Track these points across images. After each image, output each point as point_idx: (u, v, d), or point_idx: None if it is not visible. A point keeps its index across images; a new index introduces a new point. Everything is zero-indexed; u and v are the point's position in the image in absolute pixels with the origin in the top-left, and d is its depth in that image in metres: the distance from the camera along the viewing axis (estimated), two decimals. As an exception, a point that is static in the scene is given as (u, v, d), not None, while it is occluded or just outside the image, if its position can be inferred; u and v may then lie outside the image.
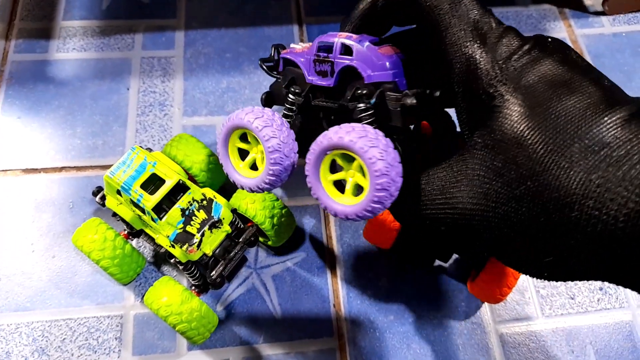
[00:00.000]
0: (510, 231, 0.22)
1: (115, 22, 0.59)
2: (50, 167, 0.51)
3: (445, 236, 0.43)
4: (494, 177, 0.22)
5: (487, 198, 0.23)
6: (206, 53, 0.58)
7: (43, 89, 0.54)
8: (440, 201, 0.25)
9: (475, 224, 0.23)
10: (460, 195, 0.24)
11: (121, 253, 0.43)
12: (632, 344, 0.47)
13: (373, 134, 0.25)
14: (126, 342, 0.44)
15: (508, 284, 0.42)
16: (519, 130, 0.21)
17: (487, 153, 0.23)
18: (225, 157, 0.30)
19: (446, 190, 0.25)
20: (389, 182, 0.24)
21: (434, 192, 0.25)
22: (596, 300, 0.49)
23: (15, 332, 0.44)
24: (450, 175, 0.25)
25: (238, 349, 0.44)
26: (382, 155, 0.24)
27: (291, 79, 0.30)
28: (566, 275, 0.23)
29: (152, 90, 0.55)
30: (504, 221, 0.22)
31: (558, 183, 0.20)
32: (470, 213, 0.23)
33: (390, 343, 0.46)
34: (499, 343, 0.46)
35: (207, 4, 0.61)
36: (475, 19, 0.24)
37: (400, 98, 0.27)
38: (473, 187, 0.23)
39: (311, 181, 0.27)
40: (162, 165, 0.40)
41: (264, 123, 0.27)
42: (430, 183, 0.26)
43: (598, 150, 0.20)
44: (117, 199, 0.41)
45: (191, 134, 0.50)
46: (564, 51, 0.23)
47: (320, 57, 0.29)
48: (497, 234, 0.23)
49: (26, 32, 0.57)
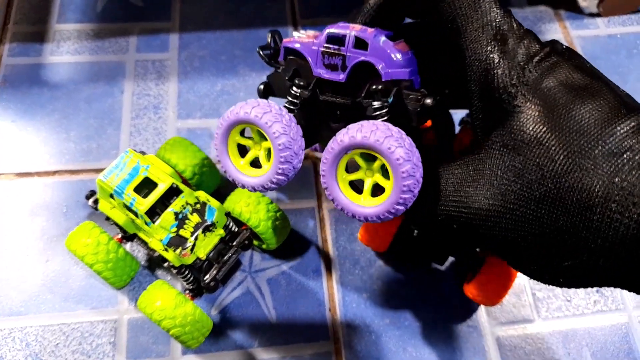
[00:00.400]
0: (527, 234, 0.22)
1: (110, 25, 0.59)
2: (44, 171, 0.50)
3: (451, 236, 0.43)
4: (513, 178, 0.22)
5: (504, 199, 0.22)
6: (201, 56, 0.58)
7: (37, 93, 0.54)
8: (454, 199, 0.24)
9: (490, 224, 0.23)
10: (476, 195, 0.23)
11: (115, 257, 0.42)
12: (628, 346, 0.47)
13: (397, 133, 0.24)
14: (120, 347, 0.44)
15: (504, 286, 0.42)
16: (541, 131, 0.21)
17: (506, 153, 0.23)
18: (225, 154, 0.28)
19: (461, 189, 0.24)
20: (415, 183, 0.23)
21: (448, 190, 0.25)
22: (592, 302, 0.48)
23: (8, 337, 0.44)
24: (465, 174, 0.24)
25: (233, 353, 0.44)
26: (409, 155, 0.23)
27: (295, 70, 0.28)
28: (583, 281, 0.22)
29: (147, 93, 0.55)
30: (522, 223, 0.22)
31: (580, 185, 0.20)
32: (485, 213, 0.23)
33: (386, 346, 0.45)
34: (496, 346, 0.46)
35: (201, 6, 0.61)
36: (497, 19, 0.24)
37: (420, 98, 0.26)
38: (490, 187, 0.23)
39: (327, 182, 0.26)
40: (155, 168, 0.40)
41: (274, 118, 0.25)
42: (445, 181, 0.25)
43: (620, 154, 0.20)
44: (110, 202, 0.41)
45: (185, 136, 0.50)
46: (579, 58, 0.24)
47: (331, 50, 0.27)
48: (512, 236, 0.22)
49: (20, 35, 0.57)
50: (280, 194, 0.51)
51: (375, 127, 0.24)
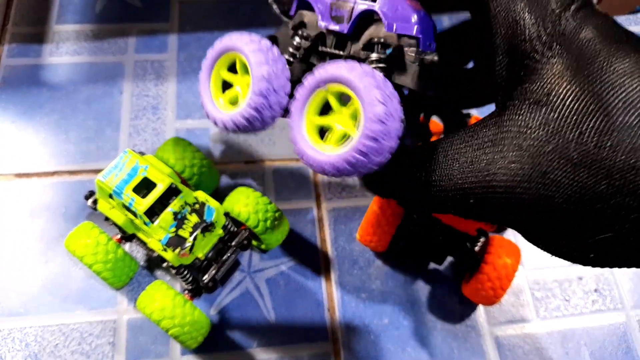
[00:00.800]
0: (561, 202, 0.19)
1: (108, 26, 0.59)
2: (43, 172, 0.50)
3: (465, 214, 0.40)
4: (545, 138, 0.20)
5: (535, 161, 0.20)
6: (200, 56, 0.58)
7: (36, 94, 0.54)
8: (470, 169, 0.22)
9: (518, 192, 0.20)
10: (500, 159, 0.21)
11: (114, 257, 0.42)
12: (627, 345, 0.47)
13: (380, 77, 0.22)
14: (119, 347, 0.44)
15: (502, 286, 0.42)
16: (579, 85, 0.19)
17: (536, 110, 0.20)
18: (206, 85, 0.26)
19: (480, 156, 0.21)
20: (384, 133, 0.21)
21: (462, 160, 0.22)
22: (591, 302, 0.49)
23: (8, 337, 0.44)
24: (484, 138, 0.22)
25: (232, 354, 0.44)
26: (384, 100, 0.21)
27: (301, 22, 0.27)
28: (619, 258, 0.20)
29: (146, 94, 0.55)
30: (555, 189, 0.19)
31: (626, 145, 0.18)
32: (512, 180, 0.20)
33: (385, 347, 0.45)
34: (494, 345, 0.46)
35: (200, 7, 0.61)
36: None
37: (420, 52, 0.24)
38: (517, 149, 0.20)
39: (294, 120, 0.24)
40: (154, 169, 0.40)
41: (257, 47, 0.24)
42: (456, 151, 0.22)
43: None
44: (109, 203, 0.41)
45: (184, 137, 0.50)
46: (607, 15, 0.22)
47: (340, 0, 0.25)
48: (541, 205, 0.20)
49: (19, 36, 0.57)
50: (278, 195, 0.51)
51: (357, 65, 0.22)
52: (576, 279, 0.49)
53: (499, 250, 0.42)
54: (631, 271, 0.50)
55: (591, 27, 0.20)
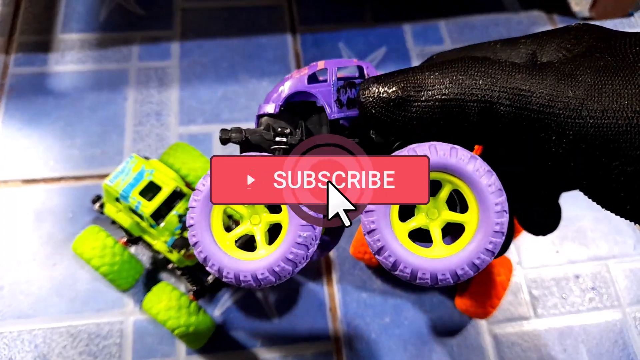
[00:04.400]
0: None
1: (112, 34, 0.60)
2: (50, 177, 0.52)
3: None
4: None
5: (632, 103, 0.17)
6: (202, 63, 0.59)
7: (42, 101, 0.55)
8: (581, 107, 0.17)
9: (621, 144, 0.17)
10: (613, 94, 0.17)
11: (120, 259, 0.44)
12: (623, 342, 0.48)
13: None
14: (126, 348, 0.45)
15: (492, 304, 0.43)
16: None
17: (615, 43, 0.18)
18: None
19: (591, 95, 0.17)
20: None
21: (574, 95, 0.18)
22: (587, 299, 0.49)
23: (17, 338, 0.45)
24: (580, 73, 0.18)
25: (236, 353, 0.45)
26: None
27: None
28: None
29: (149, 100, 0.56)
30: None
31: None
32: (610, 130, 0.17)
33: (386, 345, 0.46)
34: (493, 343, 0.47)
35: (202, 14, 0.63)
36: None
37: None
38: (629, 80, 0.17)
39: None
40: (159, 173, 0.41)
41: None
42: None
43: None
44: (116, 206, 0.42)
45: (187, 142, 0.51)
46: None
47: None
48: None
49: (26, 45, 0.59)
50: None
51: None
52: (573, 277, 0.50)
53: (490, 268, 0.43)
54: (628, 269, 0.51)
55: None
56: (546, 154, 0.18)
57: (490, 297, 0.43)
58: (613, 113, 0.17)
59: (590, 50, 0.19)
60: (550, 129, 0.18)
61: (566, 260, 0.51)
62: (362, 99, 0.20)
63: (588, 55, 0.19)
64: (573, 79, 0.18)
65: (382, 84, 0.20)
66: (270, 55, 0.60)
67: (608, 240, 0.52)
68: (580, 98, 0.17)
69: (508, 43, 0.22)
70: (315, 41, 0.62)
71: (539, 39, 0.21)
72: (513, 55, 0.21)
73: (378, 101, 0.20)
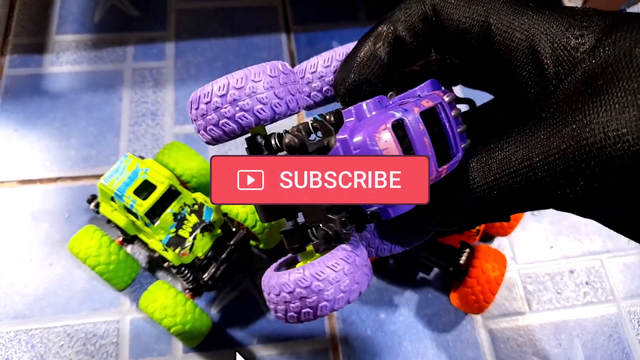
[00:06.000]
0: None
1: (107, 35, 0.60)
2: (46, 178, 0.52)
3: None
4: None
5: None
6: (196, 63, 0.59)
7: (38, 102, 0.56)
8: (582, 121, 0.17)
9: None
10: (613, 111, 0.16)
11: (116, 259, 0.44)
12: (618, 335, 0.48)
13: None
14: (123, 346, 0.45)
15: (486, 299, 0.43)
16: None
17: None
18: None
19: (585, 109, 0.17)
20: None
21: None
22: (582, 294, 0.50)
23: (14, 339, 0.45)
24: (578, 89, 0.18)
25: (233, 351, 0.45)
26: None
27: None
28: None
29: (144, 100, 0.57)
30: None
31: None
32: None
33: (382, 341, 0.47)
34: (489, 338, 0.47)
35: (196, 15, 0.63)
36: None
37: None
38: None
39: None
40: (154, 171, 0.41)
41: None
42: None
43: None
44: (111, 205, 0.42)
45: (183, 141, 0.51)
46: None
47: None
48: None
49: (21, 47, 0.59)
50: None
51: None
52: (567, 272, 0.51)
53: (484, 263, 0.43)
54: (622, 263, 0.51)
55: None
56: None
57: (485, 292, 0.43)
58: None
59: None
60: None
61: (560, 256, 0.51)
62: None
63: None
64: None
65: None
66: (265, 55, 0.60)
67: (602, 235, 0.53)
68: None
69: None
70: (310, 40, 0.62)
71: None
72: None
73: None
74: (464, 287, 0.44)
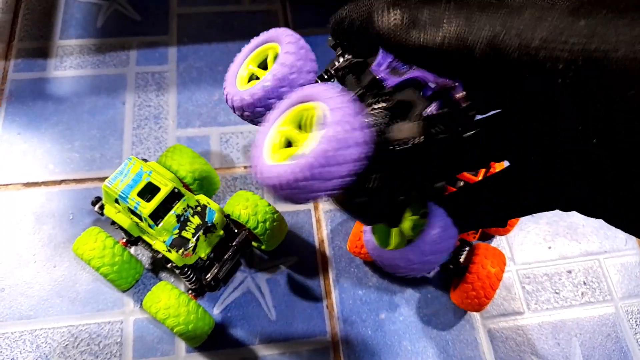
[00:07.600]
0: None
1: (110, 39, 0.61)
2: (50, 181, 0.52)
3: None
4: None
5: None
6: (198, 67, 0.60)
7: (42, 106, 0.56)
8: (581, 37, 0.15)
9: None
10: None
11: (120, 260, 0.44)
12: (616, 335, 0.48)
13: (352, 105, 0.20)
14: (127, 346, 0.46)
15: (486, 295, 0.44)
16: None
17: None
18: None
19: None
20: (331, 156, 0.18)
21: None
22: (580, 294, 0.50)
23: (19, 339, 0.45)
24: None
25: (235, 350, 0.46)
26: (342, 124, 0.19)
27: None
28: None
29: (147, 104, 0.57)
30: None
31: None
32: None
33: (382, 341, 0.47)
34: (487, 338, 0.48)
35: (198, 19, 0.64)
36: None
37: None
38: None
39: (261, 131, 0.22)
40: (157, 174, 0.42)
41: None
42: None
43: None
44: (115, 207, 0.43)
45: (185, 144, 0.52)
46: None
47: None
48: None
49: (25, 51, 0.60)
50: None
51: (333, 90, 0.20)
52: (565, 272, 0.51)
53: (484, 260, 0.44)
54: (619, 263, 0.52)
55: None
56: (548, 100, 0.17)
57: (485, 287, 0.44)
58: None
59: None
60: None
61: (558, 256, 0.52)
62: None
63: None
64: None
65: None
66: (266, 59, 0.61)
67: (599, 235, 0.53)
68: (592, 26, 0.15)
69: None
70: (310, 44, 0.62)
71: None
72: None
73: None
74: (465, 283, 0.44)
